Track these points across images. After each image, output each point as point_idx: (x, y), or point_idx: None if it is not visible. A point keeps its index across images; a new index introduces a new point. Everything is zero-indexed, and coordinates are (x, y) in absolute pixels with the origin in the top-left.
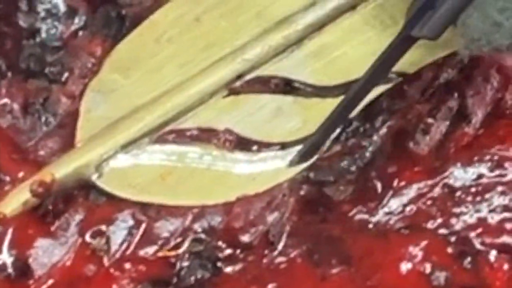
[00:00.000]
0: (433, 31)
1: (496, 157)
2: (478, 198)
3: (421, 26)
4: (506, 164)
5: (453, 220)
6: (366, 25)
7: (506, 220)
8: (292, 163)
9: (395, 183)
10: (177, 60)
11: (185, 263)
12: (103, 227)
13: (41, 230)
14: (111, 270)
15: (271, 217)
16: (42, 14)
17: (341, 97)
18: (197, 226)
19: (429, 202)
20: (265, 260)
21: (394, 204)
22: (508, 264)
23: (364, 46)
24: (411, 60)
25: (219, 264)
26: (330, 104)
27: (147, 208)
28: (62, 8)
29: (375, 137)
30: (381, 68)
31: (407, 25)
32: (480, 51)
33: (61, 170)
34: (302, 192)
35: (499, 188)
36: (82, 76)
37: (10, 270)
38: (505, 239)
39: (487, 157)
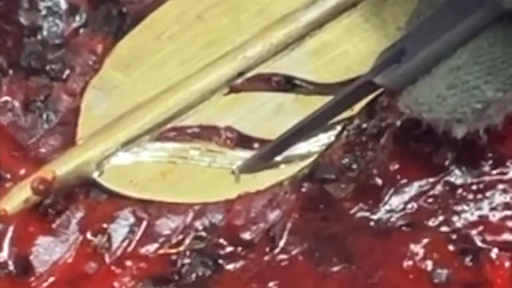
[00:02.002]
0: (394, 84)
1: (497, 155)
2: (480, 196)
3: (385, 75)
4: (508, 162)
5: (455, 218)
6: (367, 23)
7: (507, 218)
8: (236, 171)
9: (396, 181)
10: (178, 58)
11: (186, 261)
12: (104, 225)
13: (42, 227)
14: (112, 268)
15: (272, 215)
16: (43, 11)
17: None
18: (198, 224)
19: (430, 200)
20: (266, 258)
21: (396, 201)
22: (509, 261)
23: (365, 44)
24: None
25: (220, 261)
26: None
27: (148, 205)
28: (63, 5)
29: (376, 135)
30: (338, 107)
31: (372, 71)
32: (420, 115)
33: (62, 168)
34: (303, 190)
35: (500, 186)
36: (83, 73)
37: (11, 267)
38: (507, 236)
39: (489, 155)
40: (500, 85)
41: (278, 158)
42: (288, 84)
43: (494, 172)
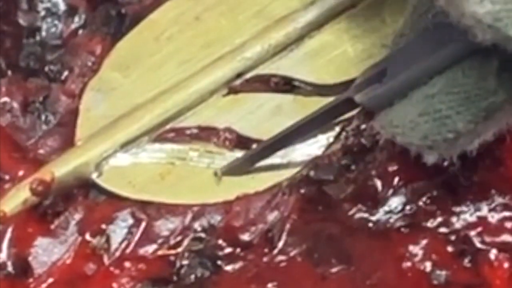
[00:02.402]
0: (373, 103)
1: (496, 156)
2: (478, 197)
3: (365, 94)
4: (507, 163)
5: (453, 219)
6: (366, 23)
7: (506, 219)
8: (218, 172)
9: (395, 182)
10: (177, 59)
11: (185, 262)
12: (103, 226)
13: (41, 228)
14: (111, 269)
15: (271, 216)
16: (42, 12)
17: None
18: (197, 225)
19: (429, 201)
20: (265, 259)
21: (394, 203)
22: (508, 262)
23: (364, 45)
24: None
25: (219, 262)
26: None
27: (147, 206)
28: (62, 6)
29: (375, 136)
30: (317, 122)
31: (353, 88)
32: (394, 138)
33: (61, 169)
34: (302, 191)
35: (499, 187)
36: (82, 74)
37: (10, 268)
38: (505, 237)
39: (488, 156)
40: (471, 117)
41: (277, 159)
42: (287, 85)
43: (493, 172)
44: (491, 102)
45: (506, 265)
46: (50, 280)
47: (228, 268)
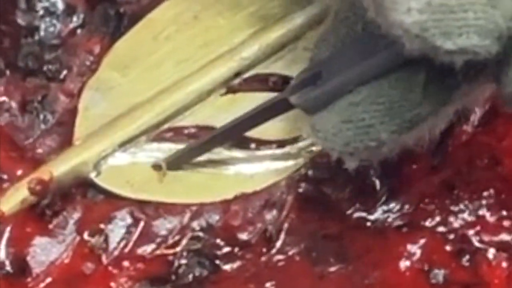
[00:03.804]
0: (307, 105)
1: (494, 155)
2: (476, 196)
3: (300, 96)
4: (505, 162)
5: (452, 218)
6: None
7: (504, 218)
8: (163, 165)
9: (393, 181)
10: (175, 58)
11: (183, 261)
12: (101, 225)
13: (39, 228)
14: (109, 268)
15: (269, 215)
16: (41, 12)
17: None
18: (195, 224)
19: (427, 200)
20: (263, 258)
21: (392, 202)
22: (506, 262)
23: None
24: None
25: (217, 262)
26: None
27: (145, 206)
28: (61, 6)
29: None
30: (251, 121)
31: (288, 89)
32: (317, 142)
33: (59, 168)
34: (300, 190)
35: (497, 186)
36: (80, 74)
37: (8, 268)
38: (503, 237)
39: (486, 155)
40: (395, 127)
41: (274, 158)
42: (285, 84)
43: (491, 172)
44: (416, 114)
45: (504, 264)
46: (48, 279)
47: (226, 267)
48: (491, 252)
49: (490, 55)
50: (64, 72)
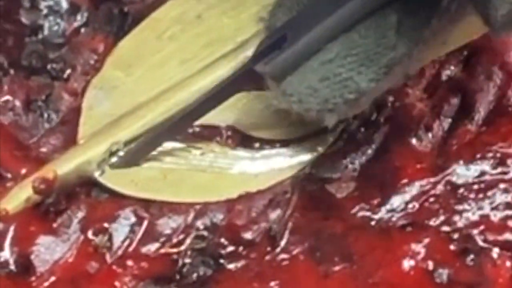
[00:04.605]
0: (274, 71)
1: (498, 154)
2: (481, 196)
3: (265, 63)
4: (509, 161)
5: (456, 218)
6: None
7: (508, 217)
8: (113, 166)
9: (397, 180)
10: (179, 57)
11: (188, 260)
12: (106, 224)
13: (43, 227)
14: (114, 267)
15: (273, 214)
16: (45, 11)
17: None
18: (199, 223)
19: (431, 199)
20: (267, 257)
21: (397, 201)
22: (510, 261)
23: None
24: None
25: (221, 261)
26: None
27: (149, 205)
28: (65, 5)
29: (377, 134)
30: (219, 97)
31: (252, 58)
32: (290, 106)
33: (63, 167)
34: (304, 189)
35: (502, 186)
36: (84, 73)
37: (12, 267)
38: (508, 236)
39: (490, 154)
40: (373, 75)
41: (278, 157)
42: None
43: (495, 171)
44: (391, 57)
45: (508, 263)
46: (52, 278)
47: (231, 266)
48: (495, 252)
49: None
50: (68, 71)
